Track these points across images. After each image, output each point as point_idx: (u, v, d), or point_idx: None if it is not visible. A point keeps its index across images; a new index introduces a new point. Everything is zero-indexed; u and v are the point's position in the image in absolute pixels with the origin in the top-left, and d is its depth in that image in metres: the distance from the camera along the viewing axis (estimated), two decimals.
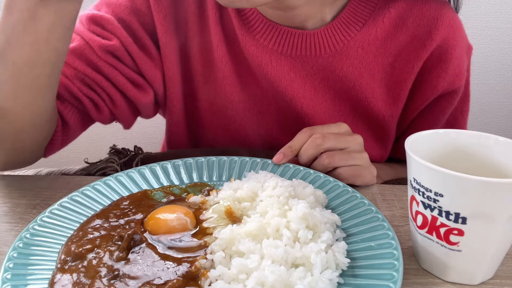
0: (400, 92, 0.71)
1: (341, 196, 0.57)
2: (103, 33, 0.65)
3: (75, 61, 0.64)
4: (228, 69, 0.72)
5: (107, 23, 0.65)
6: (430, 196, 0.44)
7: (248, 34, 0.70)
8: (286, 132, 0.74)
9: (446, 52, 0.69)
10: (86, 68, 0.64)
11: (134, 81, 0.68)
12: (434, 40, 0.68)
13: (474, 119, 1.64)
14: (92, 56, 0.64)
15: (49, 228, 0.50)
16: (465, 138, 0.50)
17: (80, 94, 0.65)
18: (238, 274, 0.42)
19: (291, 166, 0.64)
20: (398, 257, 0.44)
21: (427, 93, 0.72)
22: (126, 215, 0.53)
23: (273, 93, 0.73)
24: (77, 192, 0.56)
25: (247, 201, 0.53)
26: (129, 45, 0.66)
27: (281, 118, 0.76)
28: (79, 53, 0.64)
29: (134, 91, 0.68)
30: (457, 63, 0.70)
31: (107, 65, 0.65)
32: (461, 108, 0.77)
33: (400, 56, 0.70)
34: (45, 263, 0.45)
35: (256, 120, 0.76)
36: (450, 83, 0.71)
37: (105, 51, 0.65)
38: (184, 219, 0.51)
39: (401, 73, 0.70)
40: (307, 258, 0.44)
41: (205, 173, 0.64)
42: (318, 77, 0.71)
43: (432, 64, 0.69)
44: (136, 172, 0.62)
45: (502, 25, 1.51)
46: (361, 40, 0.68)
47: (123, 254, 0.46)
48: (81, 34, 0.65)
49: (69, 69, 0.64)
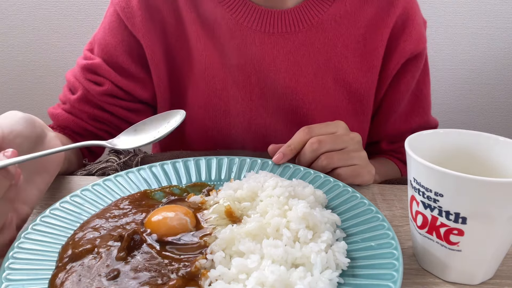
0: (374, 59, 0.79)
1: (341, 196, 0.57)
2: (97, 79, 0.77)
3: (84, 107, 0.78)
4: (209, 60, 0.77)
5: (98, 69, 0.77)
6: (430, 196, 0.44)
7: (231, 20, 0.75)
8: (273, 113, 0.79)
9: (408, 19, 0.79)
10: (95, 110, 0.78)
11: (132, 109, 0.81)
12: (397, 8, 0.77)
13: (474, 119, 1.64)
14: (96, 100, 0.78)
15: (49, 228, 0.50)
16: (465, 138, 0.50)
17: (95, 130, 0.80)
18: (238, 274, 0.42)
19: (291, 166, 0.63)
20: (398, 257, 0.44)
21: (397, 57, 0.80)
22: (126, 215, 0.54)
23: (258, 74, 0.77)
24: (77, 192, 0.56)
25: (247, 201, 0.53)
26: (119, 82, 0.77)
27: (267, 98, 0.78)
28: (86, 100, 0.78)
29: (133, 116, 0.81)
30: (418, 28, 0.80)
31: (108, 104, 0.78)
32: (423, 80, 0.86)
33: (370, 27, 0.78)
34: (45, 263, 0.45)
35: (242, 105, 0.79)
36: (415, 45, 0.79)
37: (103, 95, 0.77)
38: (184, 219, 0.51)
39: (373, 42, 0.78)
40: (307, 258, 0.44)
41: (204, 173, 0.64)
42: (300, 52, 0.77)
43: (397, 31, 0.79)
44: (135, 172, 0.62)
45: (502, 25, 1.51)
46: (333, 14, 0.76)
47: (123, 254, 0.46)
48: (82, 83, 0.78)
49: (82, 114, 0.78)
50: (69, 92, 0.79)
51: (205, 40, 0.76)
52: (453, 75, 1.58)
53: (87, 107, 0.78)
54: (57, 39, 1.50)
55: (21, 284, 0.42)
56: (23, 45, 1.50)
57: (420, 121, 0.86)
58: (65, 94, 0.80)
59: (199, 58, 0.77)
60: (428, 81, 0.87)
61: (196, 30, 0.76)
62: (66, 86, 0.81)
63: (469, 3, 1.49)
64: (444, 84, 1.59)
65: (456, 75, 1.58)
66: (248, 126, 0.80)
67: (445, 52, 1.54)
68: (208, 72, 0.78)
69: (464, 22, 1.50)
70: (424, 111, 0.87)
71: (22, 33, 1.49)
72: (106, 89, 0.77)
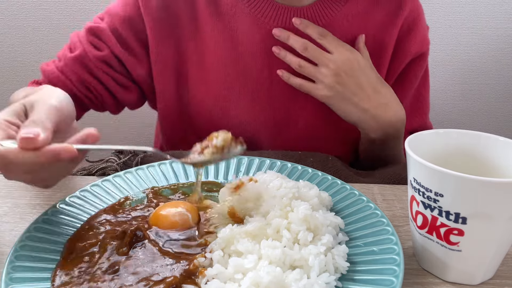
0: (382, 59, 0.82)
1: (347, 199, 0.56)
2: (98, 43, 0.78)
3: (77, 67, 0.78)
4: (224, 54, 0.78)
5: (102, 34, 0.78)
6: (430, 196, 0.44)
7: (250, 15, 0.78)
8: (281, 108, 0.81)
9: (414, 20, 0.83)
10: (85, 74, 0.78)
11: (122, 84, 0.81)
12: (404, 10, 0.81)
13: (474, 119, 1.64)
14: (90, 64, 0.78)
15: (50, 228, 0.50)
16: (465, 138, 0.50)
17: (80, 94, 0.80)
18: (234, 273, 0.42)
19: (299, 168, 0.63)
20: (400, 263, 0.43)
21: (402, 57, 0.84)
22: (134, 210, 0.55)
23: (270, 68, 0.79)
24: (77, 192, 0.57)
25: (250, 202, 0.53)
26: (119, 52, 0.78)
27: (278, 93, 0.80)
28: (80, 61, 0.78)
29: (121, 92, 0.82)
30: (423, 30, 0.85)
31: (101, 72, 0.79)
32: (423, 83, 0.89)
33: (380, 28, 0.81)
34: (49, 256, 0.46)
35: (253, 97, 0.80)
36: (419, 46, 0.84)
37: (99, 61, 0.78)
38: (186, 214, 0.52)
39: (382, 42, 0.82)
40: (305, 260, 0.44)
41: (211, 172, 0.64)
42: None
43: (404, 32, 0.83)
44: (134, 172, 0.62)
45: (502, 25, 1.51)
46: (346, 13, 0.79)
47: (124, 249, 0.47)
48: (82, 43, 0.79)
49: (73, 74, 0.78)
50: (68, 50, 0.80)
51: (220, 33, 0.78)
52: (453, 75, 1.58)
53: (80, 68, 0.78)
54: (57, 39, 1.50)
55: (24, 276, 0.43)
56: (23, 45, 1.50)
57: (418, 123, 0.88)
58: (63, 51, 0.80)
59: (214, 50, 0.79)
60: (427, 85, 0.90)
61: (212, 22, 0.78)
62: (67, 44, 0.81)
63: (469, 3, 1.49)
64: (444, 84, 1.59)
65: (456, 75, 1.58)
66: (256, 120, 0.81)
67: (445, 52, 1.54)
68: (220, 63, 0.79)
69: (464, 22, 1.50)
70: (423, 113, 0.89)
71: (22, 33, 1.49)
72: (103, 55, 0.78)
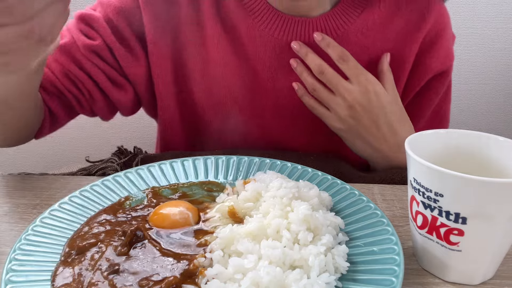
0: (400, 74, 0.74)
1: (347, 199, 0.56)
2: (89, 32, 0.69)
3: (61, 57, 0.68)
4: (224, 60, 0.73)
5: (94, 22, 0.69)
6: (430, 196, 0.44)
7: (252, 24, 0.71)
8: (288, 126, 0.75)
9: (437, 34, 0.74)
10: (71, 65, 0.68)
11: (114, 80, 0.71)
12: (427, 22, 0.72)
13: (474, 119, 1.64)
14: (77, 54, 0.68)
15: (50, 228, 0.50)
16: (465, 138, 0.50)
17: (63, 88, 0.69)
18: (234, 273, 0.42)
19: (299, 168, 0.63)
20: (400, 263, 0.43)
21: (422, 74, 0.76)
22: (134, 210, 0.55)
23: (274, 82, 0.73)
24: (77, 192, 0.57)
25: (250, 202, 0.53)
26: (113, 44, 0.69)
27: (282, 110, 0.76)
28: (66, 50, 0.68)
29: (113, 90, 0.72)
30: (447, 44, 0.76)
31: (90, 63, 0.69)
32: (445, 97, 0.82)
33: (398, 41, 0.73)
34: (49, 256, 0.46)
35: (253, 110, 0.76)
36: (442, 62, 0.76)
37: (89, 50, 0.68)
38: (186, 213, 0.52)
39: (400, 57, 0.73)
40: (305, 260, 0.44)
41: (212, 173, 0.64)
42: None
43: (426, 46, 0.74)
44: (134, 172, 0.62)
45: (502, 25, 1.51)
46: (360, 25, 0.71)
47: (124, 249, 0.47)
48: (71, 31, 0.69)
49: (56, 65, 0.68)
50: None
51: (222, 39, 0.72)
52: (453, 75, 1.58)
53: (65, 58, 0.68)
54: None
55: (24, 275, 0.43)
56: None
57: None
58: None
59: (213, 55, 0.73)
60: (449, 98, 0.83)
61: (213, 26, 0.72)
62: None
63: (469, 3, 1.49)
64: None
65: (456, 75, 1.58)
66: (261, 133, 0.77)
67: None
68: (221, 70, 0.73)
69: (464, 22, 1.50)
70: (442, 128, 0.83)
71: None
72: (95, 45, 0.68)
